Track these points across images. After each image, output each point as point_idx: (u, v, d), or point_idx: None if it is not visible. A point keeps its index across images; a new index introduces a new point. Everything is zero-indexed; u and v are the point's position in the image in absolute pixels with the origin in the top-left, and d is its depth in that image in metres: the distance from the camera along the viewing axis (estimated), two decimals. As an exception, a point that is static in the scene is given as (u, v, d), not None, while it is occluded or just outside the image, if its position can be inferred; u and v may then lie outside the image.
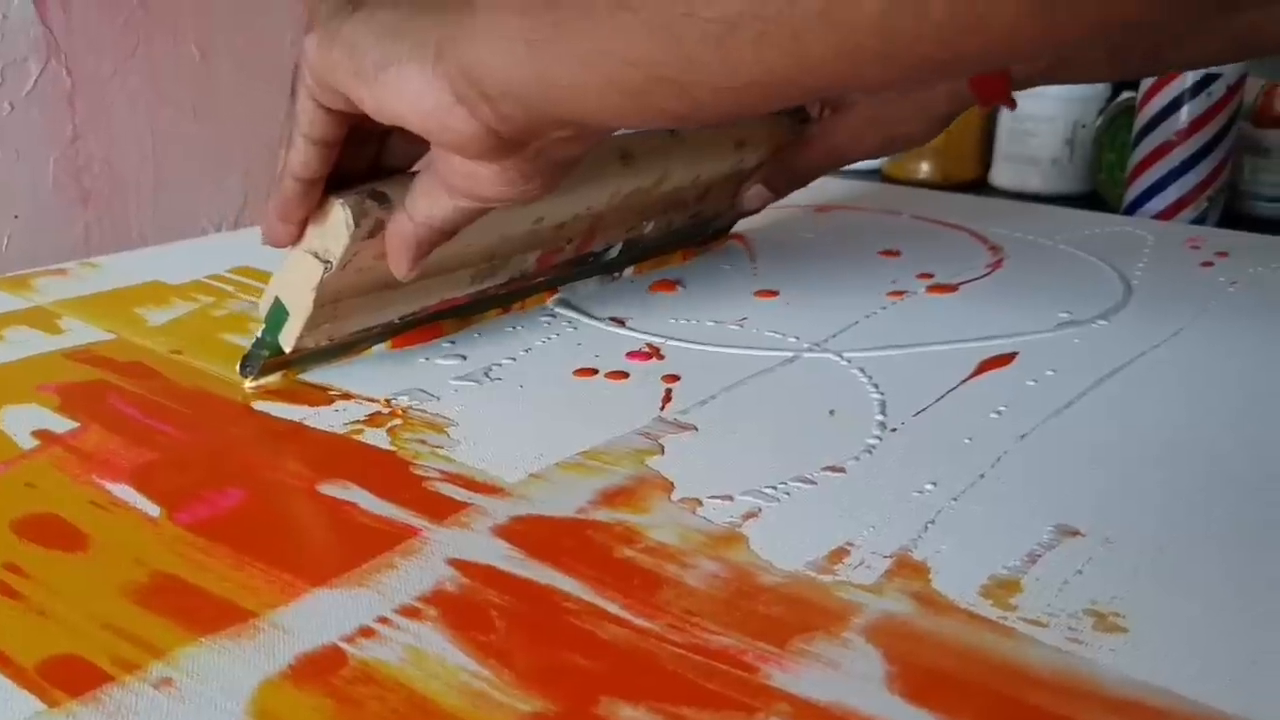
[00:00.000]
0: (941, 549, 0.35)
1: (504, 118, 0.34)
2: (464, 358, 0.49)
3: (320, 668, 0.29)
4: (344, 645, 0.29)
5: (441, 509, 0.36)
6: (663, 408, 0.44)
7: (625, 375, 0.47)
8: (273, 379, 0.44)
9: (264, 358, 0.44)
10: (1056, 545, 0.35)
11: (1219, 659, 0.30)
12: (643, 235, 0.57)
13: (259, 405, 0.44)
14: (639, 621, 0.31)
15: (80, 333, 0.51)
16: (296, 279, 0.42)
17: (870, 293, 0.59)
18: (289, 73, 0.40)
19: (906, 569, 0.34)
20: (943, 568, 0.34)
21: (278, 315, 0.43)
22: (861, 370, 0.48)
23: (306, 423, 0.43)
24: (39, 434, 0.41)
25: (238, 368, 0.44)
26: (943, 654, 0.30)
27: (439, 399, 0.45)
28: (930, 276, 0.62)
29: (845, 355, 0.50)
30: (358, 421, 0.43)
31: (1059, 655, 0.30)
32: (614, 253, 0.57)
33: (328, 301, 0.42)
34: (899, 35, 0.27)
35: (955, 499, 0.38)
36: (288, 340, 0.43)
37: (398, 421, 0.43)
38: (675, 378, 0.47)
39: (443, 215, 0.40)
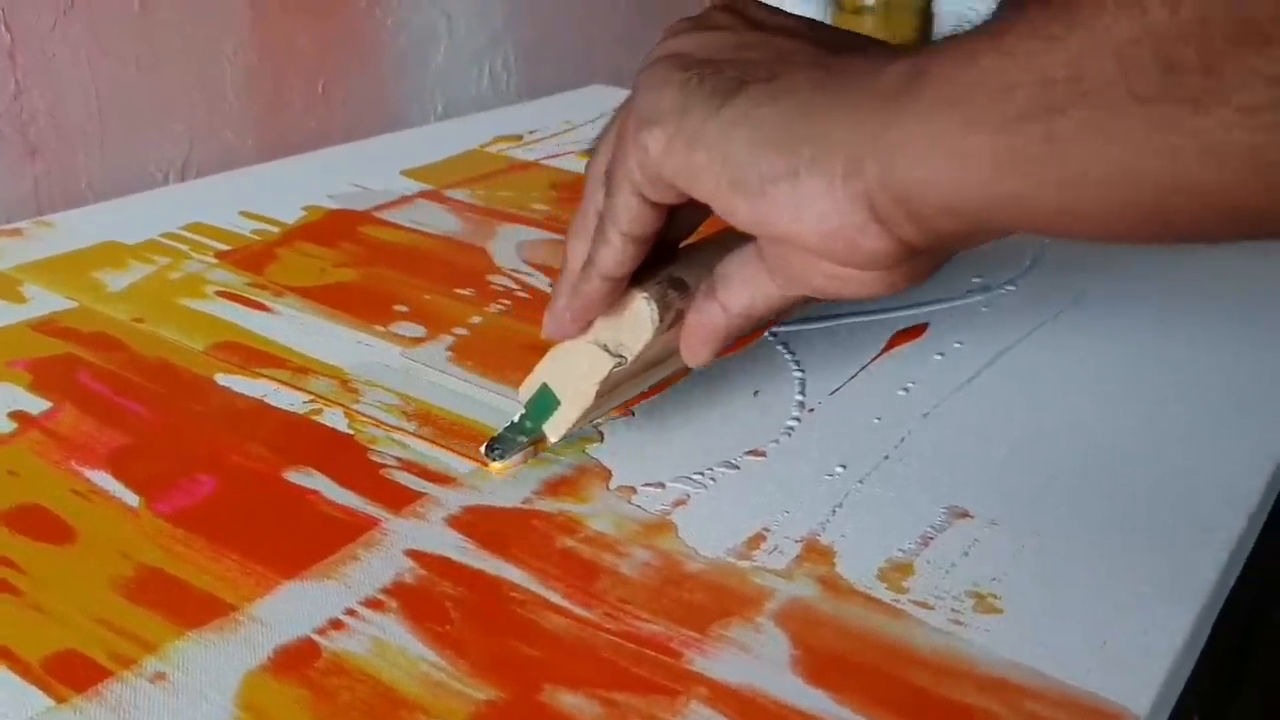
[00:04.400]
0: (846, 533, 0.39)
1: (931, 233, 0.30)
2: (423, 335, 0.52)
3: (296, 660, 0.33)
4: (316, 637, 0.33)
5: (399, 498, 0.40)
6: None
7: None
8: (517, 458, 0.42)
9: (522, 444, 0.42)
10: (948, 528, 0.39)
11: (1077, 639, 0.35)
12: None
13: (221, 379, 0.47)
14: (578, 611, 0.35)
15: (43, 301, 0.54)
16: (575, 370, 0.40)
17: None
18: (230, 18, 0.36)
19: (814, 553, 0.38)
20: (846, 551, 0.38)
21: (544, 403, 0.41)
22: (785, 346, 0.52)
23: (268, 400, 0.46)
24: (15, 415, 0.44)
25: (483, 449, 0.42)
26: (841, 637, 0.34)
27: (401, 375, 0.48)
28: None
29: (772, 330, 0.53)
30: (319, 398, 0.46)
31: (941, 636, 0.35)
32: None
33: (605, 391, 0.40)
34: None
35: (861, 481, 0.42)
36: (556, 430, 0.41)
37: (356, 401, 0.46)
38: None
39: (767, 307, 0.37)
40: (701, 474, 0.42)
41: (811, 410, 0.47)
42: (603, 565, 0.37)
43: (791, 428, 0.45)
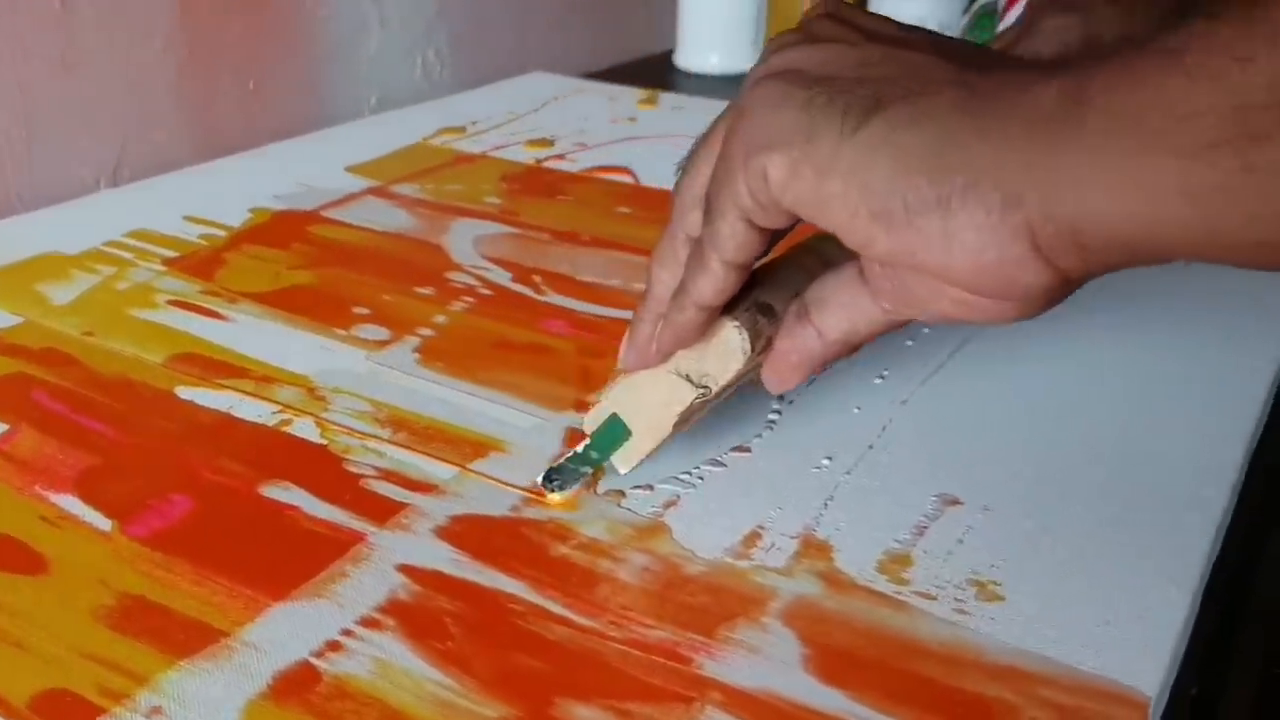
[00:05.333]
0: (841, 526, 0.39)
1: (1097, 265, 0.29)
2: (387, 337, 0.51)
3: (297, 685, 0.31)
4: (315, 661, 0.32)
5: (381, 510, 0.39)
6: (585, 392, 0.47)
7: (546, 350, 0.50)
8: (575, 489, 0.40)
9: (585, 476, 0.40)
10: (940, 516, 0.39)
11: (1080, 622, 0.35)
12: None
13: (183, 393, 0.46)
14: (581, 620, 0.34)
15: (-15, 316, 0.52)
16: (650, 400, 0.38)
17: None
18: (157, 14, 0.33)
19: (812, 549, 0.38)
20: (843, 545, 0.38)
21: (613, 434, 0.39)
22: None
23: (234, 413, 0.44)
24: (-31, 440, 0.42)
25: (540, 479, 0.40)
26: (849, 633, 0.34)
27: (370, 380, 0.47)
28: (811, 221, 0.65)
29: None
30: (287, 408, 0.45)
31: (947, 627, 0.34)
32: None
33: (681, 422, 0.39)
34: None
35: (849, 472, 0.42)
36: (627, 462, 0.39)
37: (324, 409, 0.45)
38: (596, 353, 0.50)
39: (869, 331, 0.35)
40: (689, 473, 0.41)
41: (791, 402, 0.46)
42: (600, 572, 0.36)
43: (773, 421, 0.45)
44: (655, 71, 1.09)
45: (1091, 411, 0.46)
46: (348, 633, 0.33)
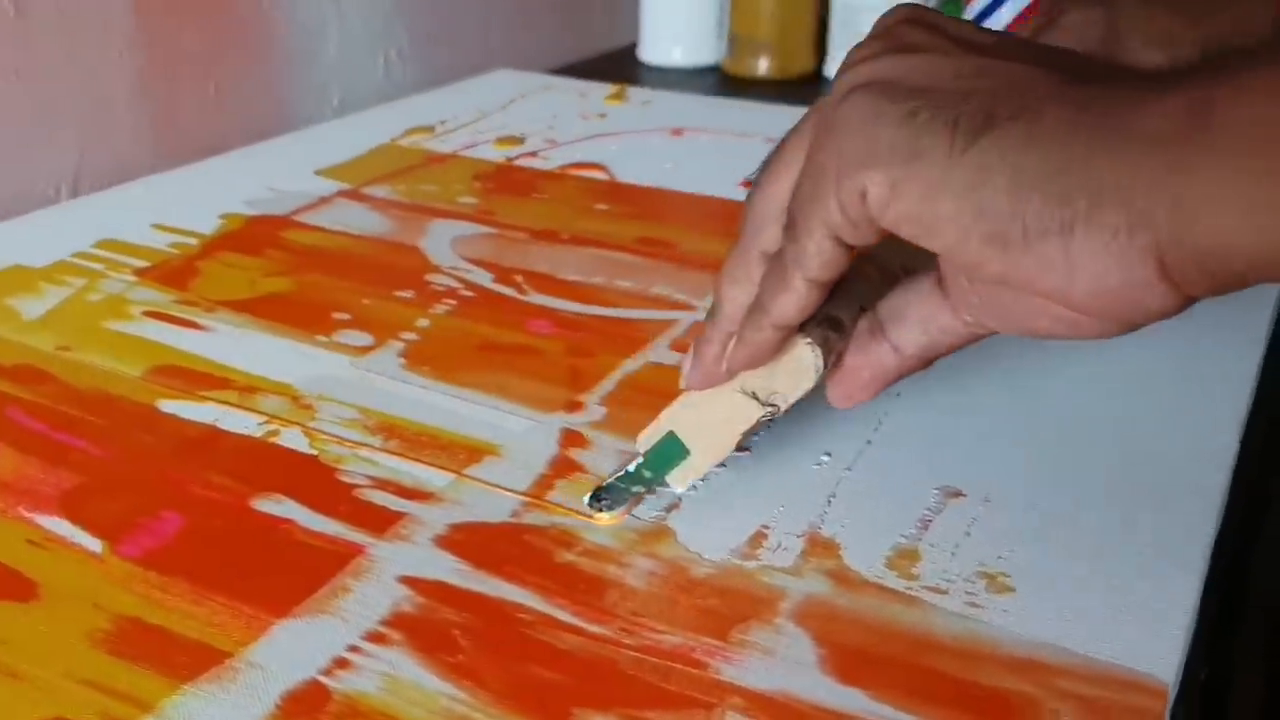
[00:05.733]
0: (846, 523, 0.38)
1: (1226, 288, 0.27)
2: (371, 343, 0.50)
3: (307, 705, 0.31)
4: (323, 679, 0.31)
5: (378, 521, 0.38)
6: (575, 393, 0.46)
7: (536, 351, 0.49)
8: (624, 509, 0.39)
9: (637, 495, 0.39)
10: (944, 509, 0.39)
11: (1092, 610, 0.35)
12: None
13: (165, 406, 0.45)
14: (592, 628, 0.34)
15: (-46, 333, 0.50)
16: (711, 418, 0.37)
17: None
18: (114, 20, 0.32)
19: (819, 547, 0.37)
20: (850, 543, 0.37)
21: (669, 452, 0.38)
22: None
23: (220, 425, 0.43)
24: (-54, 462, 0.41)
25: (587, 499, 0.39)
26: (863, 631, 0.34)
27: (356, 387, 0.46)
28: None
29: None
30: (273, 418, 0.44)
31: (960, 621, 0.34)
32: None
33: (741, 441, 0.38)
34: None
35: (849, 469, 0.41)
36: (682, 481, 0.38)
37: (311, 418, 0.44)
38: (584, 353, 0.49)
39: (948, 346, 0.34)
40: (691, 474, 0.41)
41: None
42: (608, 578, 0.36)
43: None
44: (619, 66, 1.08)
45: (1085, 399, 0.46)
46: (355, 649, 0.33)
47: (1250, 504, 0.42)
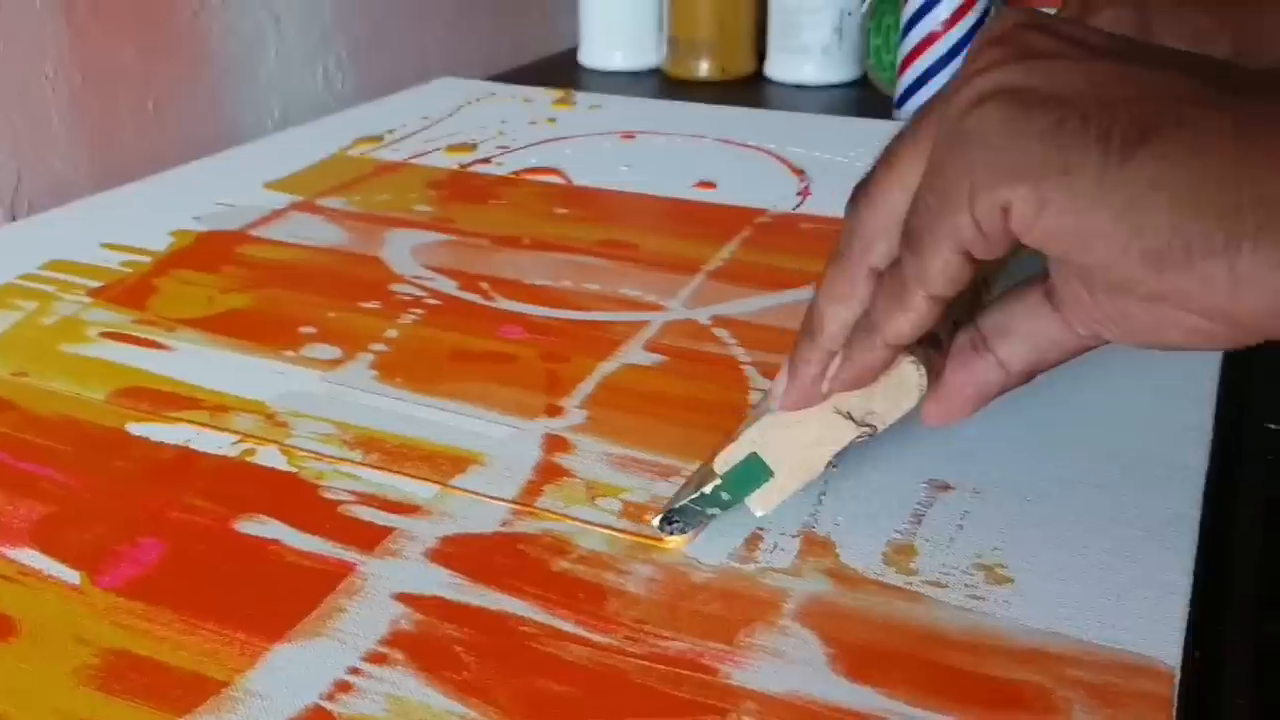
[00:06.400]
0: (839, 521, 0.38)
1: None
2: (340, 356, 0.49)
3: (310, 732, 0.30)
4: (326, 704, 0.31)
5: (367, 537, 0.37)
6: (554, 397, 0.46)
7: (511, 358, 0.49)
8: (693, 532, 0.38)
9: (710, 518, 0.37)
10: (934, 502, 0.39)
11: (1091, 597, 0.35)
12: None
13: (135, 429, 0.43)
14: (597, 638, 0.33)
15: (-97, 362, 0.48)
16: (799, 439, 0.35)
17: (705, 241, 0.61)
18: (45, 37, 0.30)
19: (815, 546, 0.37)
20: (845, 541, 0.37)
21: (751, 474, 0.36)
22: (729, 333, 0.51)
23: (193, 446, 0.42)
24: (-93, 496, 0.39)
25: (656, 520, 0.37)
26: (869, 629, 0.34)
27: (329, 402, 0.45)
28: (756, 212, 0.65)
29: (709, 317, 0.52)
30: (247, 437, 0.42)
31: (963, 614, 0.34)
32: None
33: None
34: None
35: (834, 465, 0.41)
36: (764, 505, 0.36)
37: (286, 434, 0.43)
38: (559, 357, 0.49)
39: (1057, 359, 0.33)
40: (681, 477, 0.40)
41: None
42: (607, 586, 0.35)
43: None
44: (559, 71, 1.07)
45: (1063, 386, 0.46)
46: (355, 671, 0.32)
47: (1223, 479, 0.43)
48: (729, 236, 0.61)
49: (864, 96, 1.00)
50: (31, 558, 0.36)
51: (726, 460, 0.36)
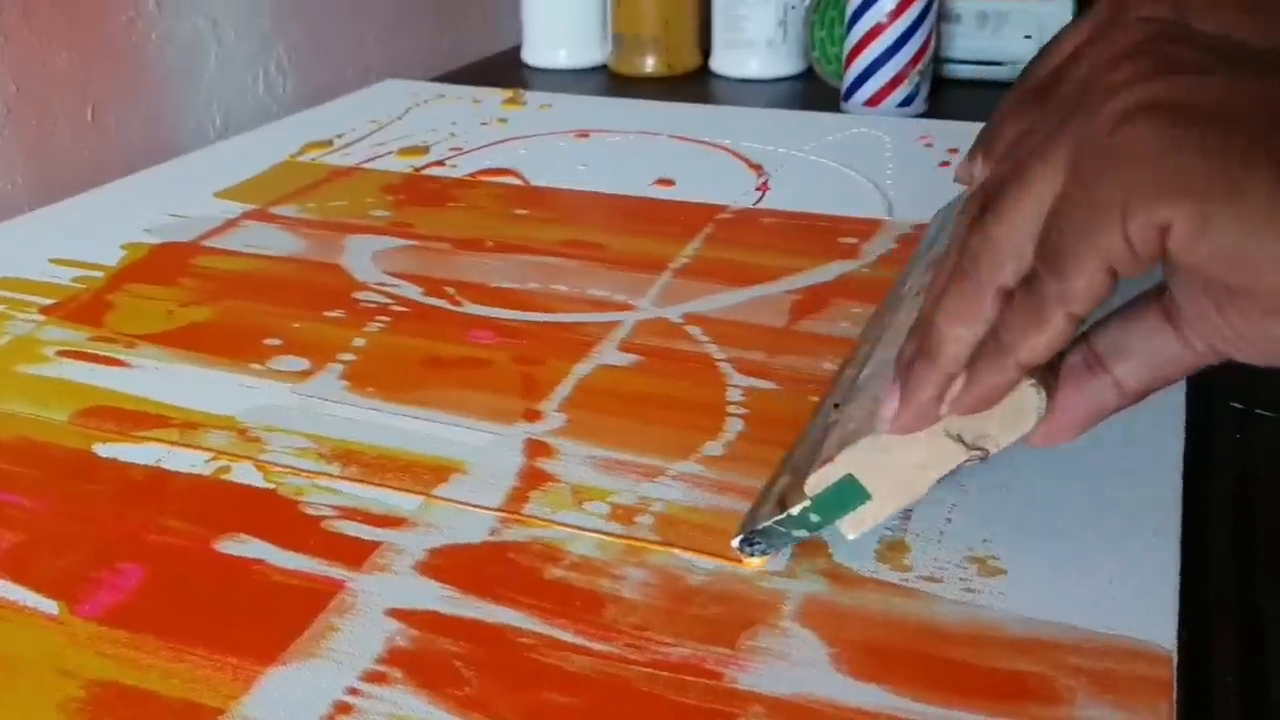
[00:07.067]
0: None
1: None
2: (308, 367, 0.48)
3: (312, 757, 0.29)
4: (326, 727, 0.30)
5: (353, 553, 0.36)
6: (532, 401, 0.45)
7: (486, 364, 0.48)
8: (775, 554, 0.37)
9: (797, 541, 0.36)
10: (921, 497, 0.39)
11: (1083, 584, 0.35)
12: None
13: (102, 450, 0.42)
14: (598, 646, 0.33)
15: None
16: (903, 461, 0.34)
17: (670, 239, 0.61)
18: None
19: (808, 547, 0.37)
20: (836, 540, 0.37)
21: (845, 496, 0.35)
22: (699, 331, 0.50)
23: (164, 465, 0.41)
24: None
25: (737, 541, 0.36)
26: (868, 627, 0.33)
27: (301, 415, 0.44)
28: (717, 208, 0.64)
29: (680, 315, 0.52)
30: (220, 454, 0.41)
31: (960, 607, 0.34)
32: None
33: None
34: None
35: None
36: (857, 528, 0.35)
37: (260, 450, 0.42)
38: (533, 361, 0.48)
39: (1174, 376, 0.32)
40: (669, 481, 0.40)
41: (746, 395, 0.45)
42: (603, 592, 0.35)
43: (739, 414, 0.44)
44: (502, 70, 1.07)
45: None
46: (354, 691, 0.31)
47: (1197, 459, 0.43)
48: (692, 233, 0.61)
49: (810, 89, 1.01)
50: (4, 588, 0.35)
51: (818, 482, 0.35)
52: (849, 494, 0.35)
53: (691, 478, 0.40)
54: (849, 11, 0.98)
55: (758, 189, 0.68)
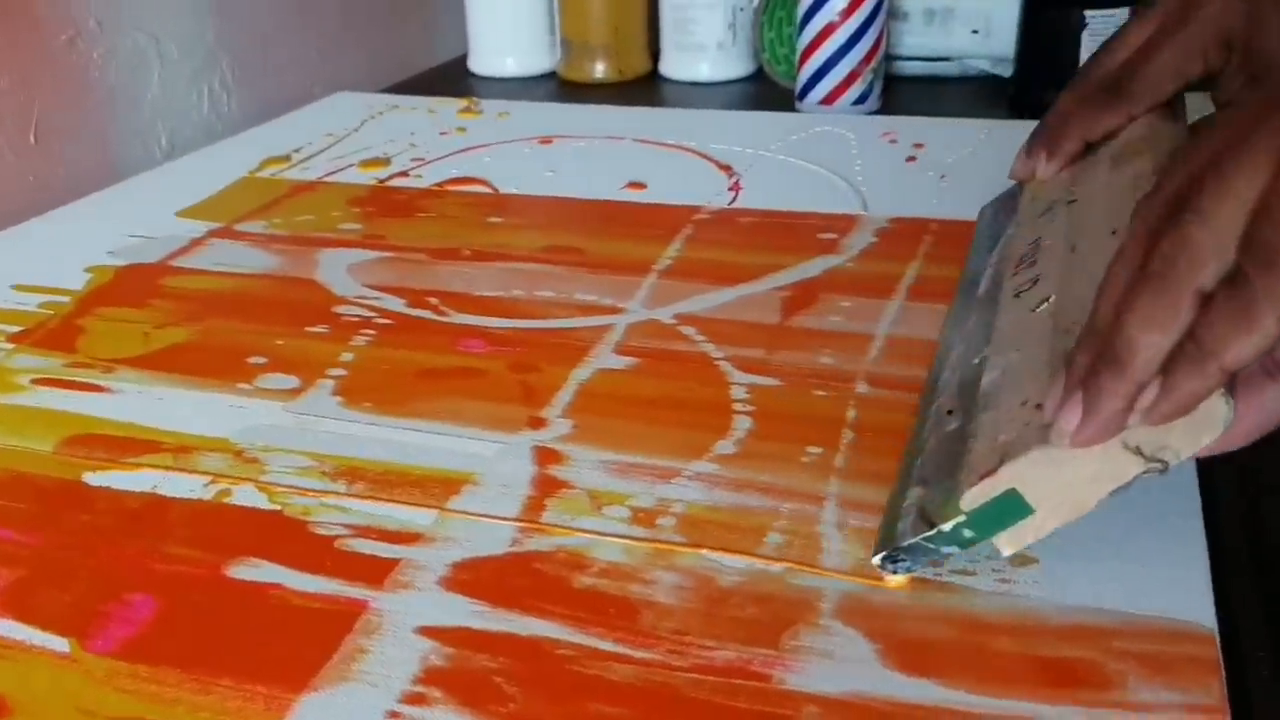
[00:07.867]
0: (850, 520, 0.37)
1: None
2: (298, 385, 0.47)
3: (359, 785, 0.28)
4: (370, 753, 0.29)
5: (373, 571, 0.35)
6: (534, 409, 0.44)
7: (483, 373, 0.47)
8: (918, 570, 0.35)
9: (946, 556, 0.34)
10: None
11: (1115, 568, 0.35)
12: None
13: (93, 479, 0.40)
14: (639, 654, 0.32)
15: None
16: (1073, 474, 0.32)
17: (649, 241, 0.60)
18: None
19: (837, 539, 0.36)
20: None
21: (1006, 510, 0.33)
22: (694, 330, 0.50)
23: (161, 491, 0.40)
24: None
25: (878, 556, 0.34)
26: (909, 622, 0.33)
27: (298, 433, 0.43)
28: (692, 210, 0.64)
29: (671, 316, 0.51)
30: (219, 477, 0.40)
31: (998, 599, 0.34)
32: None
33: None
34: None
35: (834, 462, 0.40)
36: (1015, 543, 0.33)
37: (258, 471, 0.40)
38: (529, 368, 0.47)
39: None
40: (686, 482, 0.39)
41: (753, 395, 0.45)
42: (635, 598, 0.34)
43: (748, 411, 0.43)
44: (450, 80, 1.05)
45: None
46: (395, 716, 0.30)
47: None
48: (672, 235, 0.60)
49: (760, 91, 1.00)
50: (10, 628, 0.33)
51: (979, 495, 0.33)
52: (1010, 508, 0.33)
53: (708, 477, 0.39)
54: (800, 11, 0.98)
55: (730, 189, 0.67)
